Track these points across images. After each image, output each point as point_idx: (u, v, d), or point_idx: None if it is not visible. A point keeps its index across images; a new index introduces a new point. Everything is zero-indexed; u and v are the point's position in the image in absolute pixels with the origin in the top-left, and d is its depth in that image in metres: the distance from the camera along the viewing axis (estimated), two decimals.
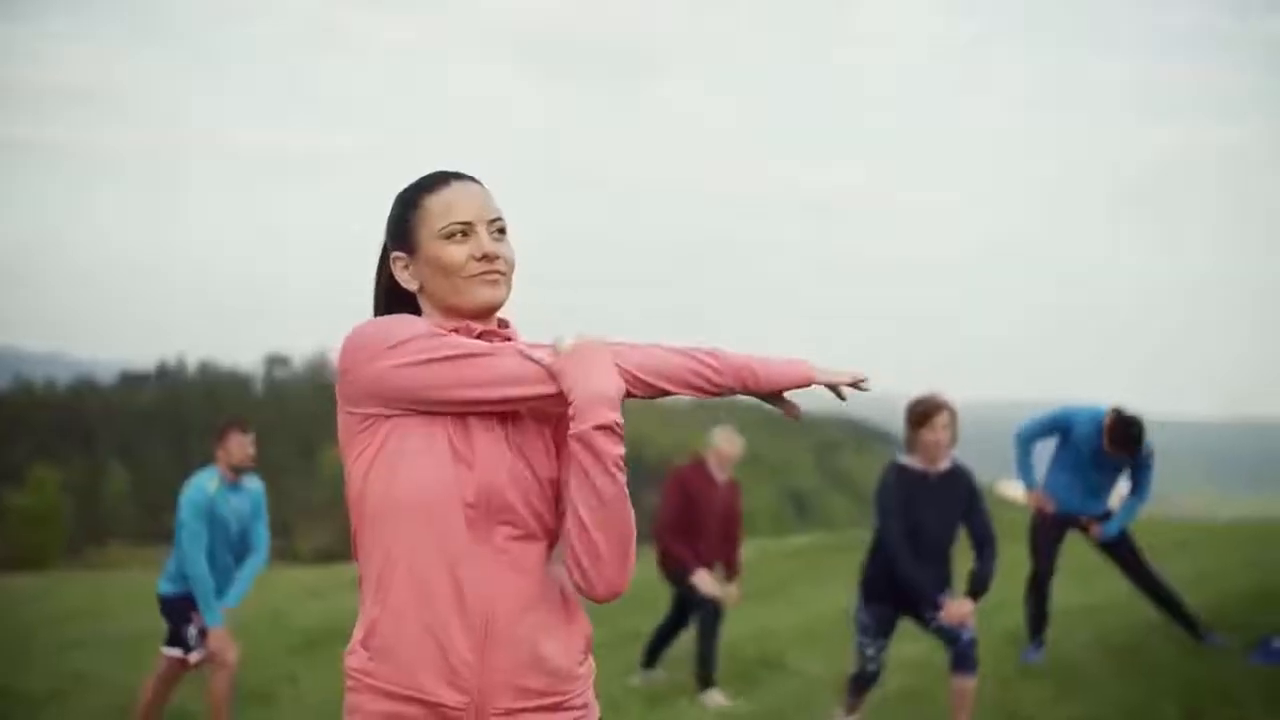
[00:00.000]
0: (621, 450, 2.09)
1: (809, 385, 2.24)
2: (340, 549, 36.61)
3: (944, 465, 5.54)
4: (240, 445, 6.40)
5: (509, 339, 2.23)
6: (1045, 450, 7.25)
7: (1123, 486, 7.17)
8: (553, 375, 2.10)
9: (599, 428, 2.06)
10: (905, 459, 5.57)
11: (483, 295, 2.19)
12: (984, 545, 5.54)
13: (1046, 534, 7.18)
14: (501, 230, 2.22)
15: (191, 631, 6.35)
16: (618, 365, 2.12)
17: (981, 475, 5.82)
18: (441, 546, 2.10)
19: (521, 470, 2.14)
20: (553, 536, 2.19)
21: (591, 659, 2.26)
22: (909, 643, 6.80)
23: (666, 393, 2.18)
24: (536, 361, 2.11)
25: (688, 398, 2.22)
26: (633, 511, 2.11)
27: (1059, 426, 7.11)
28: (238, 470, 6.41)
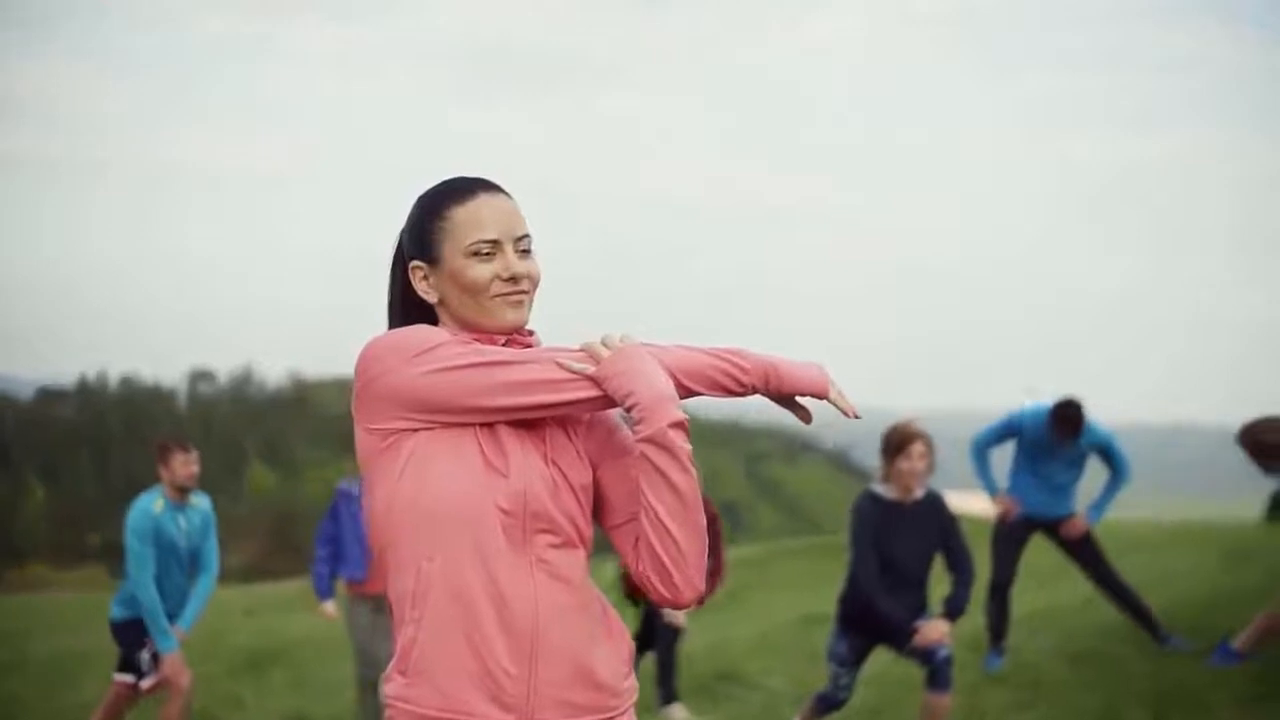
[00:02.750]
0: (690, 447, 2.03)
1: (824, 397, 2.18)
2: (270, 567, 36.08)
3: (918, 494, 5.49)
4: (183, 464, 6.24)
5: (531, 346, 2.16)
6: (1003, 457, 7.29)
7: (1090, 489, 7.19)
8: (594, 380, 2.03)
9: (672, 425, 2.00)
10: (879, 488, 5.51)
11: (507, 317, 2.12)
12: (961, 571, 5.51)
13: (1009, 540, 7.21)
14: (527, 249, 2.15)
15: (144, 657, 6.21)
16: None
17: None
18: (479, 558, 2.02)
19: (555, 477, 2.08)
20: (588, 545, 2.13)
21: (635, 676, 2.17)
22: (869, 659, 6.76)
23: (695, 394, 2.12)
24: (569, 367, 2.05)
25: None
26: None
27: (1012, 430, 7.14)
28: (183, 490, 6.25)
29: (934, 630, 5.34)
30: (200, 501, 6.41)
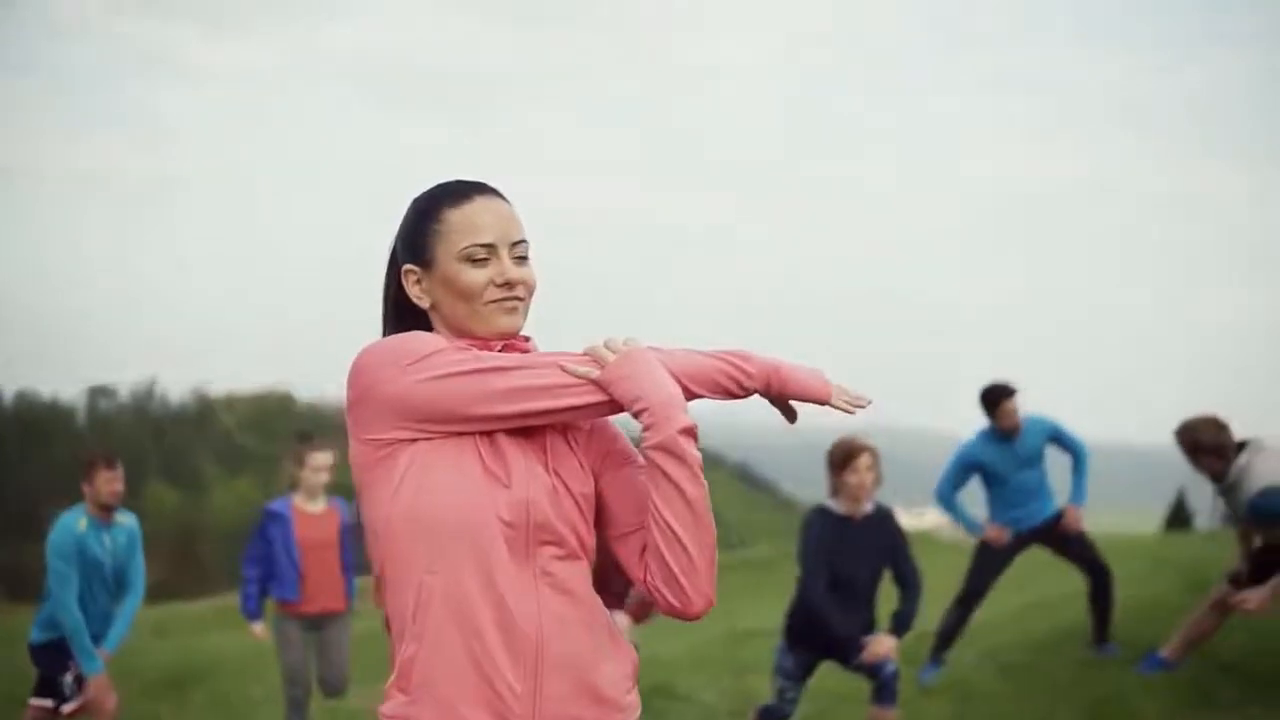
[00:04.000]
0: (701, 454, 1.99)
1: (826, 402, 2.15)
2: (175, 587, 35.32)
3: (868, 508, 5.50)
4: (107, 481, 6.06)
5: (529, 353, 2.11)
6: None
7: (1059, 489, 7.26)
8: (599, 385, 1.99)
9: (683, 431, 1.96)
10: (829, 503, 5.51)
11: (500, 323, 2.07)
12: (909, 586, 5.53)
13: (996, 555, 7.21)
14: (523, 254, 2.10)
15: (67, 680, 6.01)
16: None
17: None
18: (481, 571, 1.95)
19: (558, 486, 2.03)
20: (591, 555, 2.07)
21: (637, 691, 2.12)
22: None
23: (698, 397, 2.08)
24: (573, 371, 2.00)
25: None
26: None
27: (965, 465, 7.18)
28: (107, 507, 6.08)
29: (881, 645, 5.34)
30: (125, 519, 6.23)
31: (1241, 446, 5.90)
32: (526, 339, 2.14)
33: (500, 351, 2.06)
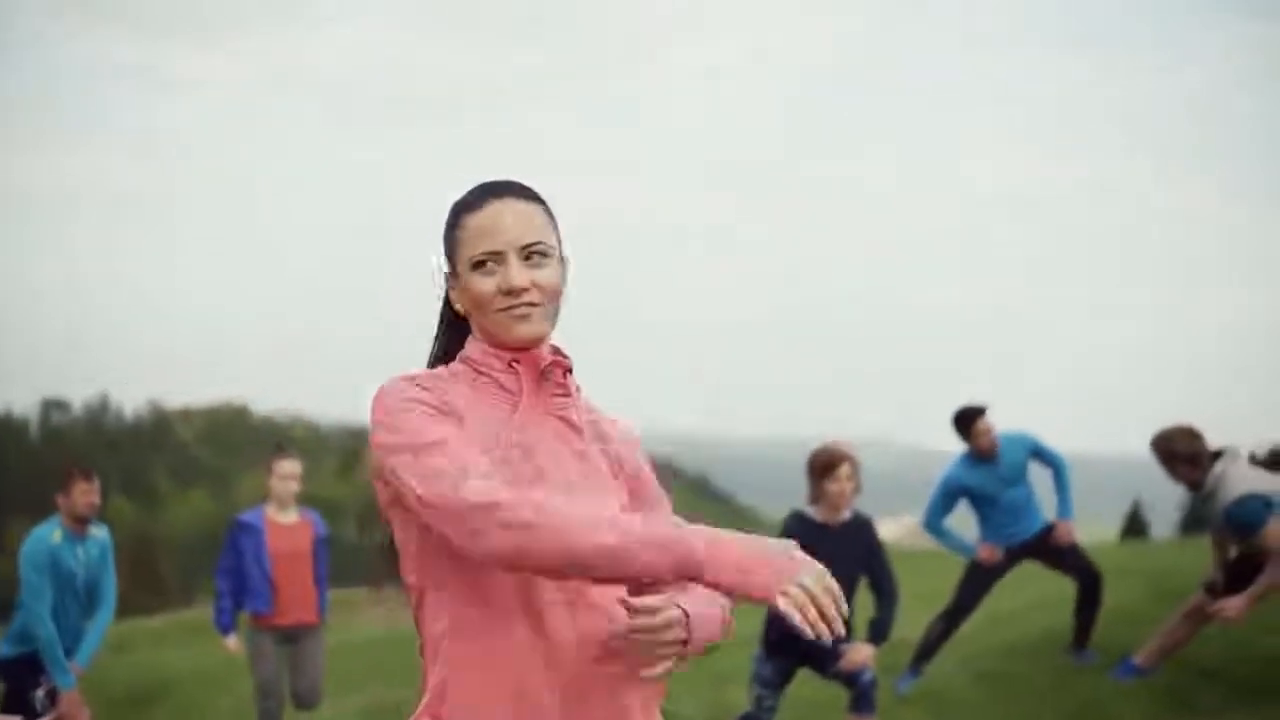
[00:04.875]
0: None
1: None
2: (132, 602, 34.92)
3: (845, 515, 5.52)
4: (84, 494, 5.99)
5: (566, 373, 2.05)
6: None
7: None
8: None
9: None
10: (808, 509, 5.52)
11: (515, 332, 1.99)
12: (886, 595, 5.54)
13: (988, 572, 7.22)
14: (541, 253, 2.00)
15: (39, 695, 5.93)
16: None
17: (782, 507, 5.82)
18: (517, 595, 1.90)
19: (598, 504, 1.95)
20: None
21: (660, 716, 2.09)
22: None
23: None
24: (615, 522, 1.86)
25: None
26: None
27: (950, 491, 7.21)
28: (82, 520, 6.00)
29: (859, 654, 5.36)
30: (98, 532, 6.17)
31: (1217, 455, 5.94)
32: (561, 354, 2.07)
33: (542, 374, 2.01)
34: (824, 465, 5.43)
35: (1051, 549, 7.19)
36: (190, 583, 46.30)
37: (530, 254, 1.99)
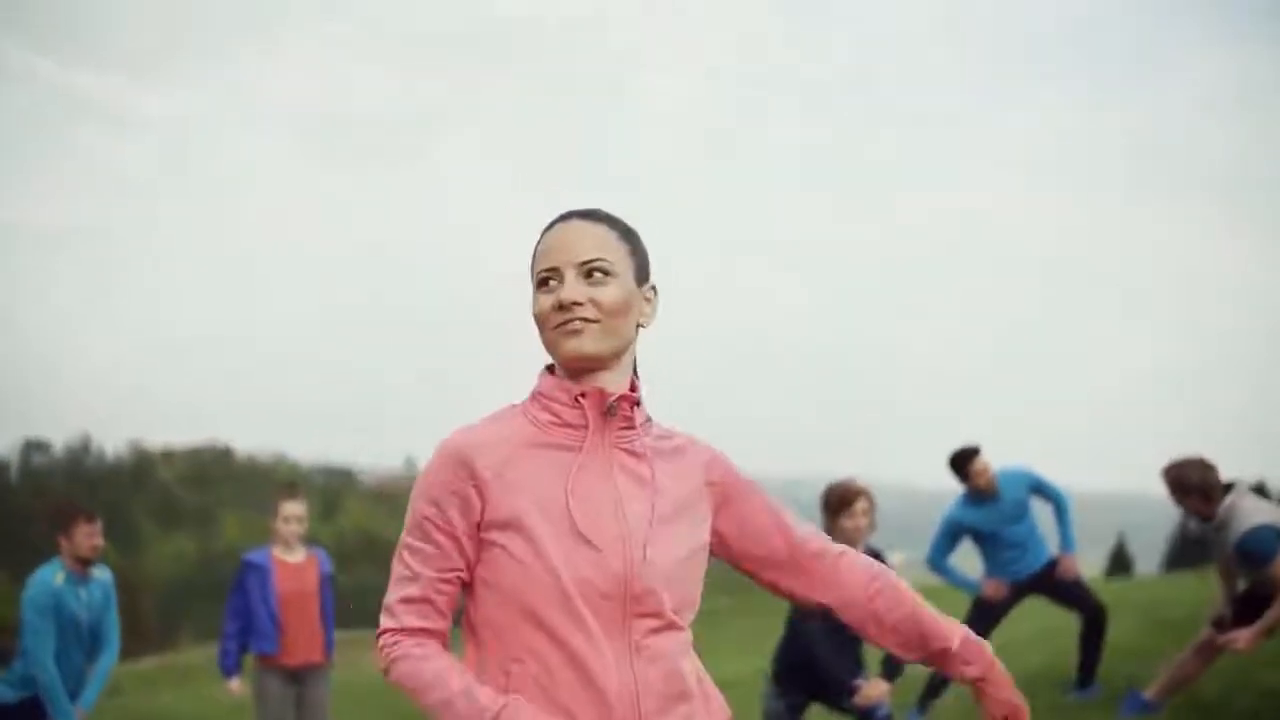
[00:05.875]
0: None
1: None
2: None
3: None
4: (87, 536, 5.97)
5: (634, 406, 2.02)
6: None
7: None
8: None
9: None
10: None
11: (563, 348, 1.94)
12: None
13: (992, 609, 7.24)
14: (603, 271, 1.95)
15: None
16: None
17: None
18: (570, 646, 1.88)
19: (664, 550, 1.94)
20: (694, 611, 2.01)
21: None
22: None
23: None
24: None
25: None
26: None
27: (952, 531, 7.24)
28: (85, 562, 5.97)
29: (875, 689, 5.35)
30: (101, 574, 6.14)
31: (1228, 488, 5.95)
32: (633, 388, 2.04)
33: (613, 404, 1.98)
34: (840, 500, 5.43)
35: (1056, 584, 7.20)
36: (172, 625, 45.97)
37: (590, 271, 1.95)
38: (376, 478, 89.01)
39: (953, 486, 7.32)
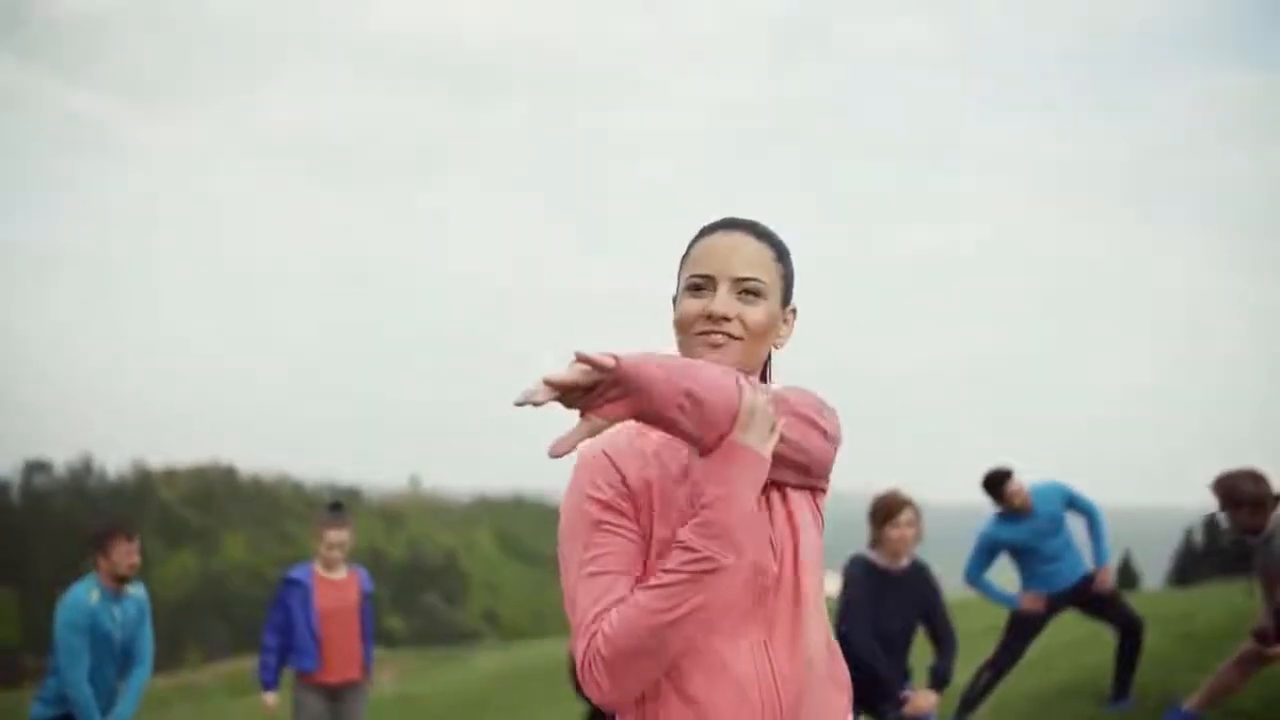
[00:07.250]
0: None
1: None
2: None
3: (905, 562, 5.52)
4: (126, 554, 5.93)
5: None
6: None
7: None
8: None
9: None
10: (869, 554, 5.53)
11: (703, 358, 1.93)
12: (944, 641, 5.56)
13: (1030, 622, 7.24)
14: (754, 291, 1.96)
15: None
16: None
17: None
18: (708, 645, 1.88)
19: (790, 543, 1.95)
20: (820, 604, 2.00)
21: None
22: None
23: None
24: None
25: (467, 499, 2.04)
26: None
27: (988, 548, 7.22)
28: (123, 579, 5.94)
29: (924, 700, 5.36)
30: (135, 591, 6.11)
31: (1277, 499, 5.92)
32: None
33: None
34: (886, 511, 5.46)
35: (1094, 597, 7.20)
36: (178, 644, 45.83)
37: (744, 289, 1.97)
38: (382, 495, 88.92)
39: (955, 501, 7.32)
